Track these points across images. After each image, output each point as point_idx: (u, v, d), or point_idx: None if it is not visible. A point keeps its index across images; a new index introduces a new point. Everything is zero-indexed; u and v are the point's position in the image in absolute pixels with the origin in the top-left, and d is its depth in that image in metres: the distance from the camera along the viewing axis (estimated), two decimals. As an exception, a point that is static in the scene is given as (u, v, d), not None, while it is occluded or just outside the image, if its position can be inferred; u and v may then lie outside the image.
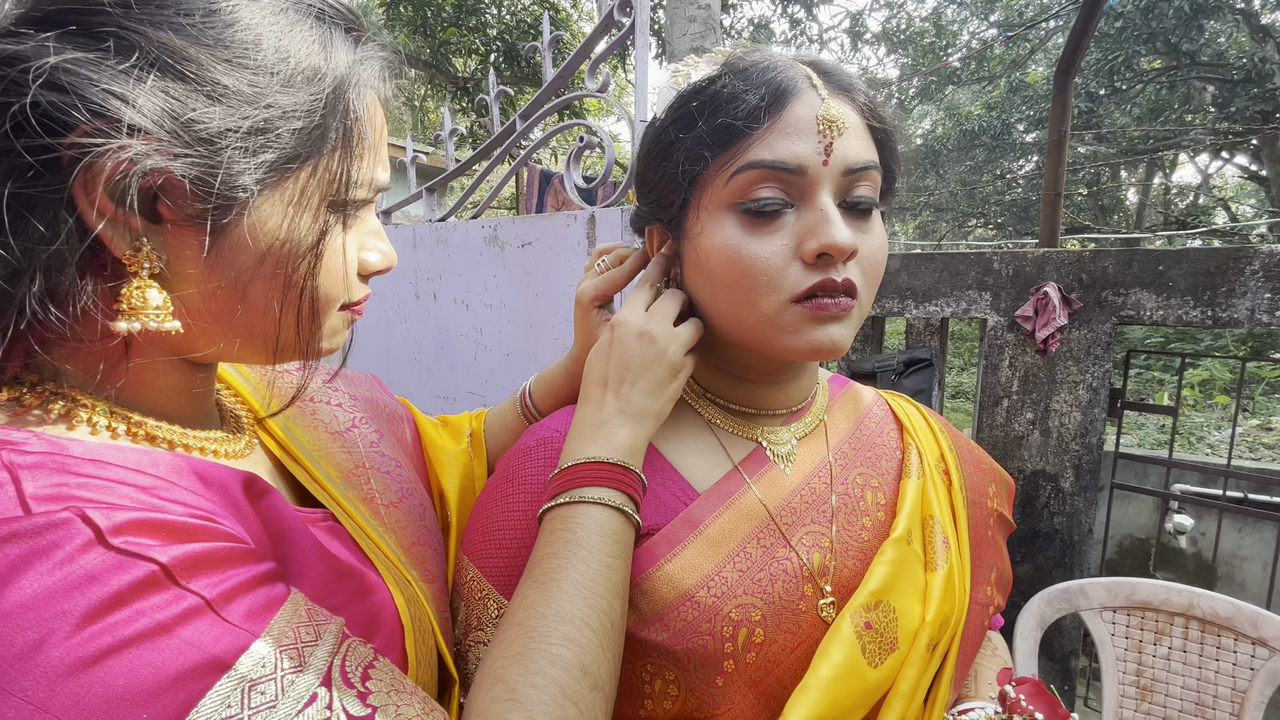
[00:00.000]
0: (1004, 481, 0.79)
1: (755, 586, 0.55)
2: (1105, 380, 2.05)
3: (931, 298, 2.31)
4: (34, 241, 0.35)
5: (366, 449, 0.63)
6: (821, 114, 0.51)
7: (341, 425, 0.63)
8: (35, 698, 0.30)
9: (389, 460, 0.65)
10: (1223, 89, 8.90)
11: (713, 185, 0.53)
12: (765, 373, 0.62)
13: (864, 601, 0.57)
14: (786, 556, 0.58)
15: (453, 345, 1.77)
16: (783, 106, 0.51)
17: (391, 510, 0.59)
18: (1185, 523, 2.72)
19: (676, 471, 0.60)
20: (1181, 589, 1.36)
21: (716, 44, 4.34)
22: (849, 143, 0.52)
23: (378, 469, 0.62)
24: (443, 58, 7.01)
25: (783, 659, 0.55)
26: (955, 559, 0.64)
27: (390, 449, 0.67)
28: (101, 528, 0.33)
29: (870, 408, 0.72)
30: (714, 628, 0.53)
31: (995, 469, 0.78)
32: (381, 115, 0.47)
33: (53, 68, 0.33)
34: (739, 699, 0.54)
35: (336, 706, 0.36)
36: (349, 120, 0.42)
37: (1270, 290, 1.81)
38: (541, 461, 0.59)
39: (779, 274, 0.51)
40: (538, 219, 1.52)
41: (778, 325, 0.52)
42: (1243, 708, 1.27)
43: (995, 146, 10.92)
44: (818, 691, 0.52)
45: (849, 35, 12.14)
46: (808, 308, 0.52)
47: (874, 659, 0.55)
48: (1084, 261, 2.05)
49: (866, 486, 0.64)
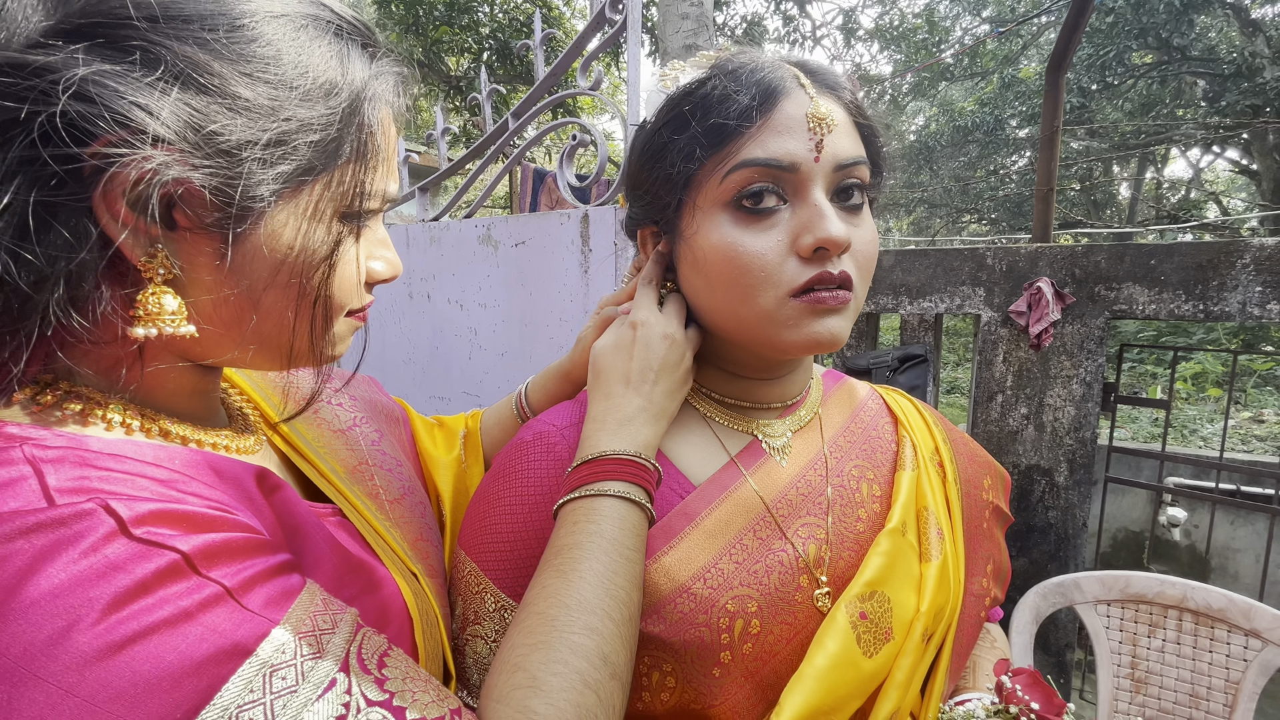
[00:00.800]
0: (999, 475, 0.79)
1: (751, 578, 0.56)
2: (1098, 374, 2.06)
3: (925, 294, 2.31)
4: (58, 249, 0.36)
5: (368, 447, 0.64)
6: (810, 112, 0.52)
7: (344, 424, 0.65)
8: (64, 683, 0.31)
9: (390, 459, 0.66)
10: (1213, 83, 8.94)
11: (707, 185, 0.54)
12: (760, 368, 0.62)
13: (859, 592, 0.57)
14: (782, 548, 0.58)
15: (447, 345, 1.76)
16: (773, 105, 0.53)
17: (396, 506, 0.60)
18: (1179, 515, 2.74)
19: (673, 464, 0.61)
20: (1175, 581, 1.36)
21: (709, 41, 4.34)
22: (838, 139, 0.53)
23: (380, 466, 0.63)
24: (435, 56, 6.98)
25: (779, 650, 0.56)
26: (950, 550, 0.64)
27: (390, 448, 0.68)
28: (124, 518, 0.34)
29: (865, 402, 0.72)
30: (710, 619, 0.54)
31: (990, 462, 0.78)
32: (394, 129, 0.48)
33: (81, 79, 0.34)
34: (736, 690, 0.55)
35: (355, 691, 0.37)
36: (364, 133, 0.43)
37: (1261, 284, 1.82)
38: (538, 455, 0.60)
39: (776, 269, 0.52)
40: (531, 218, 1.52)
41: (777, 320, 0.53)
42: (1236, 699, 1.28)
43: (988, 142, 10.95)
44: (813, 681, 0.53)
45: (842, 32, 12.15)
46: (806, 301, 0.53)
47: (869, 649, 0.56)
48: (1077, 256, 2.06)
49: (862, 478, 0.65)
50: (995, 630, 0.80)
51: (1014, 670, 0.60)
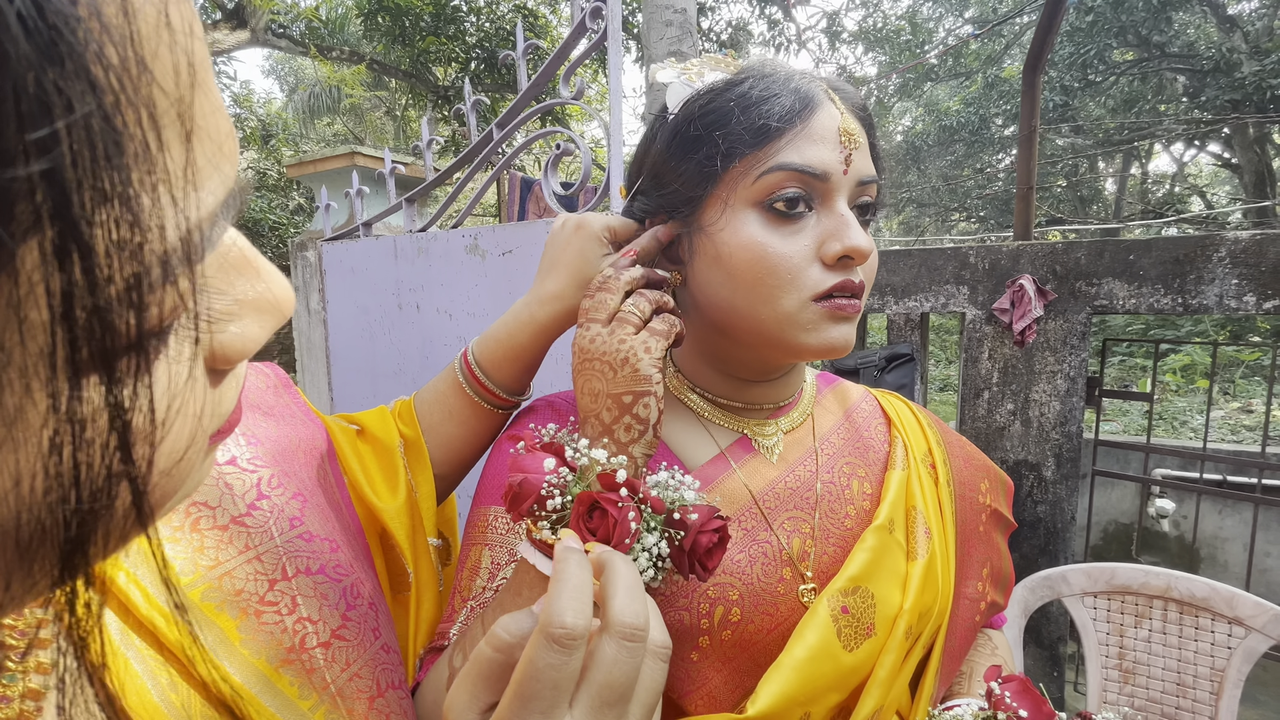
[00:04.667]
0: (999, 480, 0.79)
1: (734, 567, 0.57)
2: (1082, 369, 2.09)
3: (911, 293, 2.34)
4: None
5: (284, 542, 0.42)
6: (842, 126, 0.55)
7: (240, 504, 0.42)
8: None
9: (321, 546, 0.45)
10: (1193, 79, 9.05)
11: (741, 182, 0.55)
12: (758, 371, 0.63)
13: (842, 586, 0.58)
14: (767, 540, 0.59)
15: (437, 355, 1.77)
16: (811, 114, 0.54)
17: (336, 650, 0.41)
18: (1166, 507, 2.77)
19: (671, 451, 0.63)
20: (1159, 572, 1.38)
21: (693, 48, 4.37)
22: (861, 156, 0.56)
23: (309, 571, 0.43)
24: (423, 67, 7.00)
25: (759, 639, 0.57)
26: (939, 549, 0.65)
27: (318, 520, 0.47)
28: None
29: (858, 403, 0.73)
30: (690, 603, 0.55)
31: (989, 466, 0.78)
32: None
33: None
34: (713, 675, 0.56)
35: None
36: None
37: (1237, 276, 1.85)
38: (547, 414, 0.65)
39: (801, 273, 0.53)
40: (517, 227, 1.53)
41: (796, 323, 0.54)
42: (1222, 686, 1.29)
43: (974, 141, 11.04)
44: (791, 671, 0.54)
45: (826, 35, 12.24)
46: (827, 307, 0.54)
47: (849, 643, 0.57)
48: (1057, 253, 2.09)
49: (853, 476, 0.66)
50: (998, 637, 0.79)
51: (1004, 677, 0.61)
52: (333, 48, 7.69)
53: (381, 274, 1.83)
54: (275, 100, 14.97)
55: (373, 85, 9.73)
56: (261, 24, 6.69)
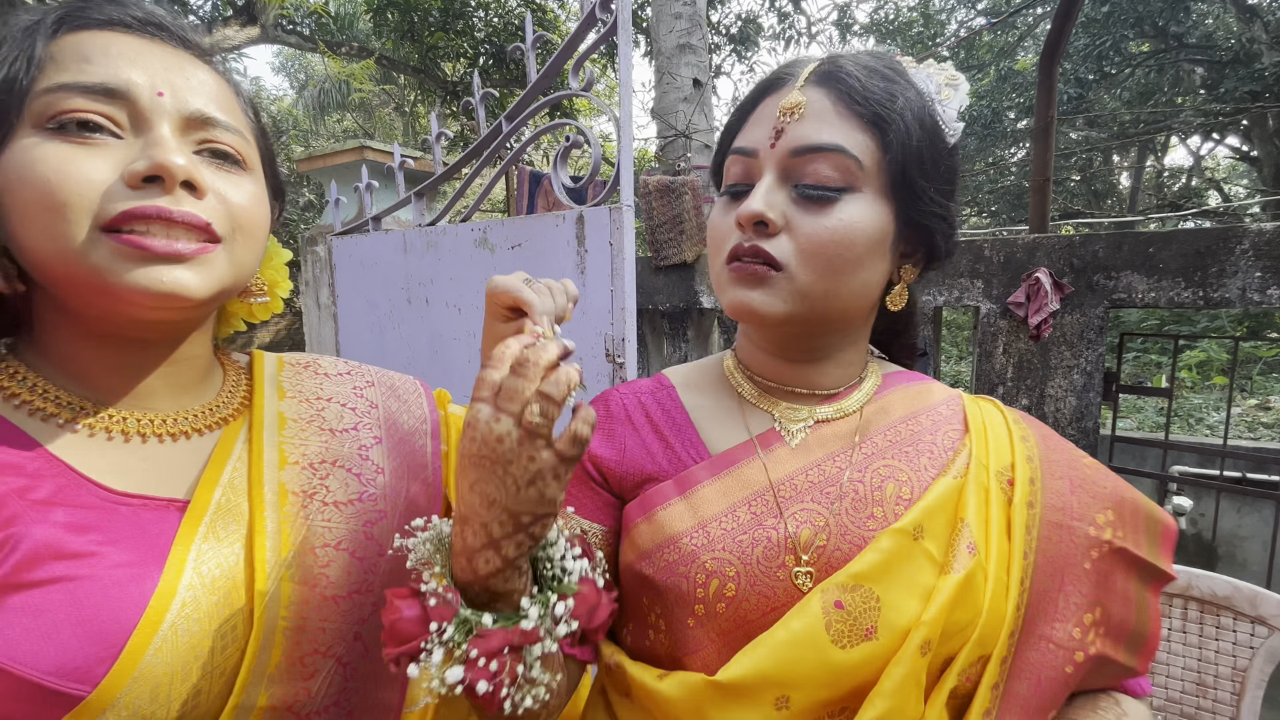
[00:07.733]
0: (1140, 516, 0.65)
1: (735, 545, 0.59)
2: (1099, 364, 2.06)
3: (924, 287, 2.31)
4: None
5: (351, 450, 0.65)
6: (784, 103, 0.57)
7: (343, 425, 0.66)
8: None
9: (371, 465, 0.65)
10: (1211, 70, 8.91)
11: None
12: (785, 347, 0.66)
13: (841, 581, 0.56)
14: (774, 526, 0.60)
15: (446, 349, 1.77)
16: (762, 99, 0.61)
17: (331, 509, 0.60)
18: (1184, 504, 2.73)
19: (695, 432, 0.67)
20: (1179, 570, 1.36)
21: (703, 40, 4.34)
22: (802, 126, 0.57)
23: (349, 469, 0.63)
24: (431, 63, 7.00)
25: (753, 618, 0.58)
26: (989, 569, 0.59)
27: (380, 456, 0.67)
28: None
29: (935, 406, 0.69)
30: (689, 571, 0.59)
31: (1123, 498, 0.65)
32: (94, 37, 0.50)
33: None
34: (708, 644, 0.59)
35: None
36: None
37: (1261, 269, 1.81)
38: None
39: (724, 240, 0.61)
40: (526, 220, 1.52)
41: (721, 283, 0.62)
42: (1244, 686, 1.27)
43: (986, 134, 10.93)
44: (768, 650, 0.55)
45: (837, 28, 12.14)
46: (733, 270, 0.60)
47: (841, 639, 0.55)
48: (1074, 246, 2.06)
49: (890, 479, 0.62)
50: (1131, 707, 0.65)
51: None
52: (342, 43, 7.72)
53: (391, 268, 1.82)
54: (286, 96, 15.06)
55: (381, 81, 9.76)
56: (271, 20, 6.71)
